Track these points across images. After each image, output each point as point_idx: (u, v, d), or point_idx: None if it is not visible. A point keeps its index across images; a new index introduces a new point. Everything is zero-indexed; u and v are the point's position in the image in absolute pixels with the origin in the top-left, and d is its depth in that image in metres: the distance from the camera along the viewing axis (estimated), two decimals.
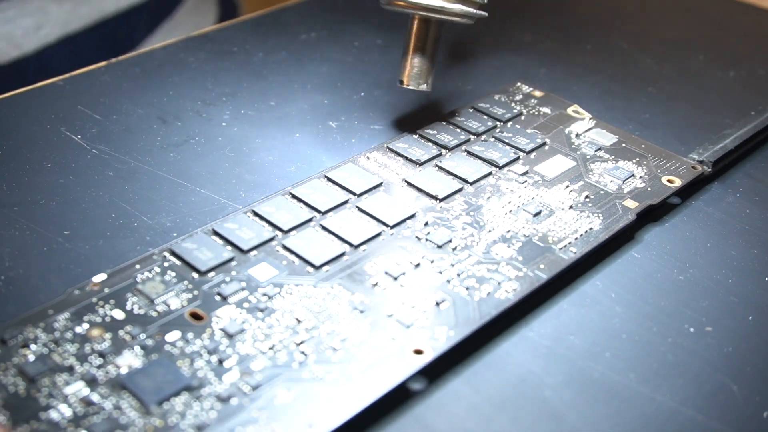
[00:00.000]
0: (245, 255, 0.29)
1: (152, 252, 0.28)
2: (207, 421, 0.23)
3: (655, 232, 0.32)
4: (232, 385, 0.24)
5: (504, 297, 0.28)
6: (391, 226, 0.30)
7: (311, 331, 0.26)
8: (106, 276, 0.27)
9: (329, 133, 0.37)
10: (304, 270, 0.28)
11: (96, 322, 0.26)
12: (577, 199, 0.32)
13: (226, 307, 0.26)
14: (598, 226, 0.31)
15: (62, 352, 0.24)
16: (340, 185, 0.32)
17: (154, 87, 0.39)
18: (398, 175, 0.33)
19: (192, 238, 0.29)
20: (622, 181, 0.33)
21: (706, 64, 0.45)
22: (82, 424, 0.23)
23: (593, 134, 0.36)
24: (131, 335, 0.25)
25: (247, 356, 0.25)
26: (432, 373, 0.26)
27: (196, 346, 0.25)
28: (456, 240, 0.30)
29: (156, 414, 0.23)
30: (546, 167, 0.34)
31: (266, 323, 0.26)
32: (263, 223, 0.30)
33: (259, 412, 0.23)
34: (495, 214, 0.31)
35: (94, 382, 0.24)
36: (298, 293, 0.27)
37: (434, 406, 0.25)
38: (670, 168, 0.34)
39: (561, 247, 0.30)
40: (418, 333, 0.26)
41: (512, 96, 0.39)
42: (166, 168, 0.34)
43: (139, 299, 0.26)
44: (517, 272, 0.29)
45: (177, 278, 0.27)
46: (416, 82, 0.35)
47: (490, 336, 0.27)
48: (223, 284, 0.27)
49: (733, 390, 0.26)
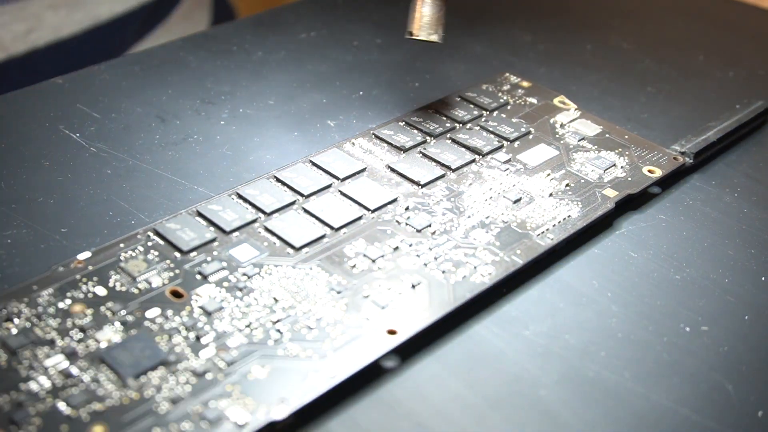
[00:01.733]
0: (227, 236, 0.29)
1: (136, 231, 0.29)
2: (182, 394, 0.24)
3: (653, 231, 0.32)
4: (208, 360, 0.25)
5: (479, 281, 0.28)
6: (372, 210, 0.31)
7: (288, 310, 0.27)
8: (90, 254, 0.28)
9: (328, 132, 0.37)
10: (284, 251, 0.29)
11: (78, 298, 0.26)
12: (557, 188, 0.33)
13: (206, 286, 0.27)
14: (576, 213, 0.31)
15: (44, 327, 0.25)
16: (324, 170, 0.33)
17: (153, 85, 0.39)
18: (382, 161, 0.34)
19: (176, 219, 0.29)
20: (603, 171, 0.34)
21: (706, 64, 0.45)
22: (61, 395, 0.23)
23: (577, 124, 0.37)
24: (112, 311, 0.26)
25: (224, 333, 0.26)
26: (409, 353, 0.26)
27: (174, 322, 0.26)
28: (435, 225, 0.30)
29: (132, 387, 0.24)
30: (529, 156, 0.35)
31: (244, 302, 0.27)
32: (247, 206, 0.30)
33: (233, 387, 0.24)
34: (475, 201, 0.32)
35: (74, 356, 0.24)
36: (277, 274, 0.28)
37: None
38: (651, 158, 0.35)
39: (538, 233, 0.30)
40: (392, 314, 0.27)
41: (500, 86, 0.39)
42: (164, 166, 0.34)
43: (122, 277, 0.27)
44: (494, 257, 0.29)
45: (160, 257, 0.28)
46: (426, 32, 0.34)
47: (486, 334, 0.27)
48: (205, 264, 0.28)
49: (729, 389, 0.26)
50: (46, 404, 0.23)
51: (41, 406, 0.23)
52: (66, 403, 0.23)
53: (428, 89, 0.40)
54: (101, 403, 0.23)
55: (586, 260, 0.31)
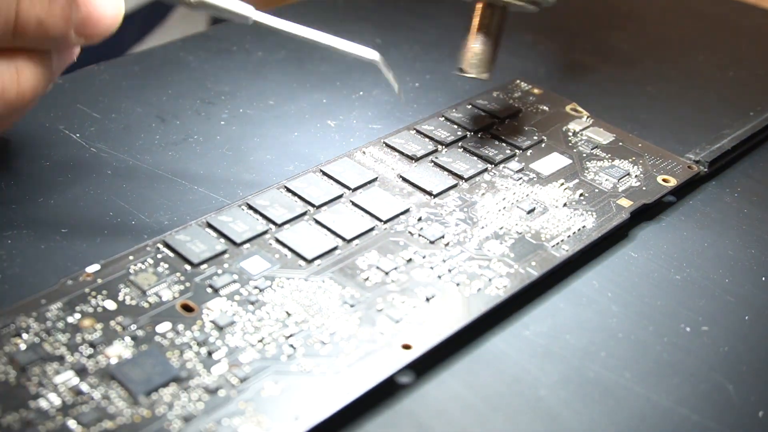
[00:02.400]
0: (238, 248, 0.29)
1: (146, 243, 0.28)
2: (194, 412, 0.23)
3: (652, 231, 0.32)
4: (220, 376, 0.24)
5: (494, 293, 0.28)
6: (384, 221, 0.30)
7: (301, 324, 0.26)
8: (99, 267, 0.27)
9: (328, 132, 0.37)
10: (296, 263, 0.28)
11: (88, 312, 0.26)
12: (571, 197, 0.32)
13: (217, 299, 0.27)
14: (591, 224, 0.31)
15: (53, 342, 0.25)
16: (335, 179, 0.32)
17: (153, 85, 0.39)
18: (393, 170, 0.33)
19: (186, 230, 0.29)
20: (617, 180, 0.33)
21: (706, 64, 0.45)
22: (71, 413, 0.23)
23: (590, 132, 0.36)
24: (122, 326, 0.25)
25: (236, 348, 0.25)
26: (423, 368, 0.26)
27: (186, 337, 0.25)
28: (448, 236, 0.30)
29: (144, 404, 0.23)
30: (542, 165, 0.34)
31: (256, 316, 0.26)
32: (257, 216, 0.30)
33: (246, 404, 0.24)
34: (489, 211, 0.31)
35: (84, 372, 0.24)
36: (289, 286, 0.27)
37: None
38: (666, 167, 0.34)
39: (553, 244, 0.30)
40: (407, 328, 0.26)
41: (510, 93, 0.39)
42: (164, 166, 0.34)
43: (131, 290, 0.27)
44: (509, 269, 0.29)
45: (170, 270, 0.28)
46: (477, 70, 0.33)
47: (486, 334, 0.27)
48: (215, 276, 0.27)
49: (729, 389, 0.26)
50: (56, 422, 0.23)
51: (51, 425, 0.22)
52: (76, 421, 0.23)
53: (428, 89, 0.40)
54: (112, 421, 0.23)
55: (586, 260, 0.31)
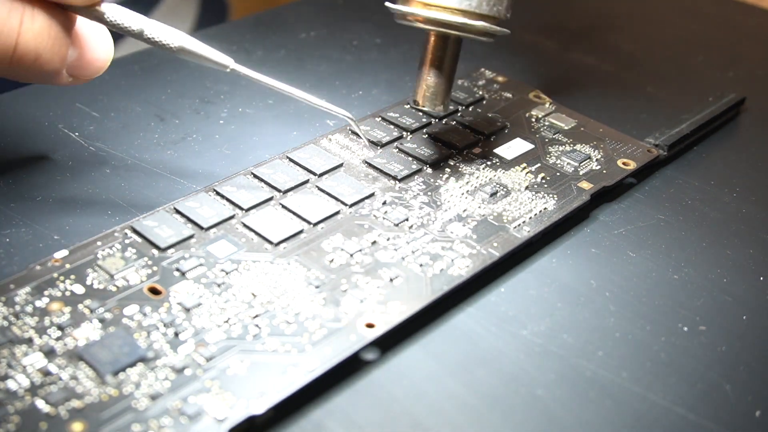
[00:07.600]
0: (205, 232, 0.29)
1: (113, 229, 0.29)
2: (161, 390, 0.24)
3: (651, 231, 0.32)
4: (186, 356, 0.25)
5: (456, 273, 0.28)
6: (349, 205, 0.31)
7: (266, 305, 0.27)
8: (67, 252, 0.28)
9: (327, 131, 0.37)
10: (262, 247, 0.29)
11: (56, 297, 0.26)
12: (533, 181, 0.33)
13: (184, 282, 0.27)
14: (552, 206, 0.32)
15: (22, 325, 0.25)
16: (301, 165, 0.33)
17: (152, 84, 0.39)
18: (359, 156, 0.34)
19: (153, 216, 0.29)
20: (578, 164, 0.34)
21: (706, 64, 0.45)
22: (39, 393, 0.23)
23: (553, 118, 0.37)
24: (90, 309, 0.26)
25: (202, 329, 0.26)
26: (390, 345, 0.27)
27: (153, 319, 0.26)
28: (412, 219, 0.31)
29: (111, 384, 0.24)
30: (505, 150, 0.35)
31: (223, 298, 0.27)
32: (224, 202, 0.31)
33: (212, 382, 0.24)
34: (452, 195, 0.32)
35: (52, 354, 0.24)
36: (255, 269, 0.28)
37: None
38: (626, 151, 0.35)
39: (515, 226, 0.31)
40: (370, 307, 0.27)
41: (475, 81, 0.40)
42: (163, 165, 0.34)
43: (99, 274, 0.27)
44: (471, 250, 0.29)
45: (137, 254, 0.28)
46: (432, 103, 0.32)
47: (485, 334, 0.28)
48: (182, 260, 0.28)
49: (726, 389, 0.26)
50: (25, 402, 0.23)
51: (20, 405, 0.23)
52: (45, 401, 0.23)
53: None
54: (80, 401, 0.23)
55: (585, 259, 0.31)
